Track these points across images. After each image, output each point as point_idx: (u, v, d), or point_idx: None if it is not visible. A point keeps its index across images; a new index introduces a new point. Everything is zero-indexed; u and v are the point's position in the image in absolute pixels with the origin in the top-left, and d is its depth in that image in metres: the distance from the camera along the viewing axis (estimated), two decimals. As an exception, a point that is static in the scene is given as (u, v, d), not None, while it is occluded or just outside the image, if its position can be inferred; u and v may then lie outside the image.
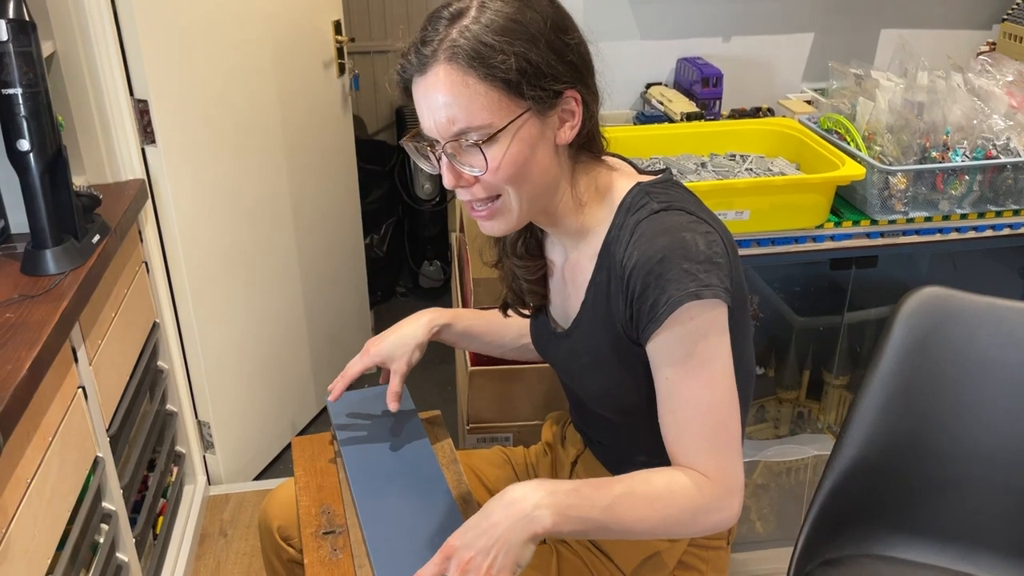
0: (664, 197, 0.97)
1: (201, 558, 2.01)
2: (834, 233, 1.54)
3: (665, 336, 0.92)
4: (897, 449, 1.29)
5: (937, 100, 1.52)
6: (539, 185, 0.94)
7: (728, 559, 1.17)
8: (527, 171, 0.92)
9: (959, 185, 1.52)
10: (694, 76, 1.85)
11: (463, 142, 0.89)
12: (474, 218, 0.98)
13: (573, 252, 1.05)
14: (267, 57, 2.12)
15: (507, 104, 0.88)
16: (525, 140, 0.90)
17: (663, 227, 0.93)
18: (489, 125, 0.88)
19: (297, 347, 2.41)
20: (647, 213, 0.95)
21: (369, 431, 1.28)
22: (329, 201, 2.47)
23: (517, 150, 0.90)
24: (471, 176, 0.92)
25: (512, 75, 0.87)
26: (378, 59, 3.66)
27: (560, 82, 0.91)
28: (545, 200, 0.97)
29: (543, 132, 0.92)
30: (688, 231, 0.92)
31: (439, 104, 0.88)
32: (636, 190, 0.99)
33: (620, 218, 0.98)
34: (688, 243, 0.91)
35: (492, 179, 0.91)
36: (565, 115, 0.93)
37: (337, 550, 1.08)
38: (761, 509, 1.92)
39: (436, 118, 0.89)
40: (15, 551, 1.12)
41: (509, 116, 0.89)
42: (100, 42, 1.68)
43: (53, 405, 1.28)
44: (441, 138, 0.90)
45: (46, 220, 1.38)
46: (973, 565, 1.30)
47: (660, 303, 0.91)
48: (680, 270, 0.90)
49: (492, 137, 0.88)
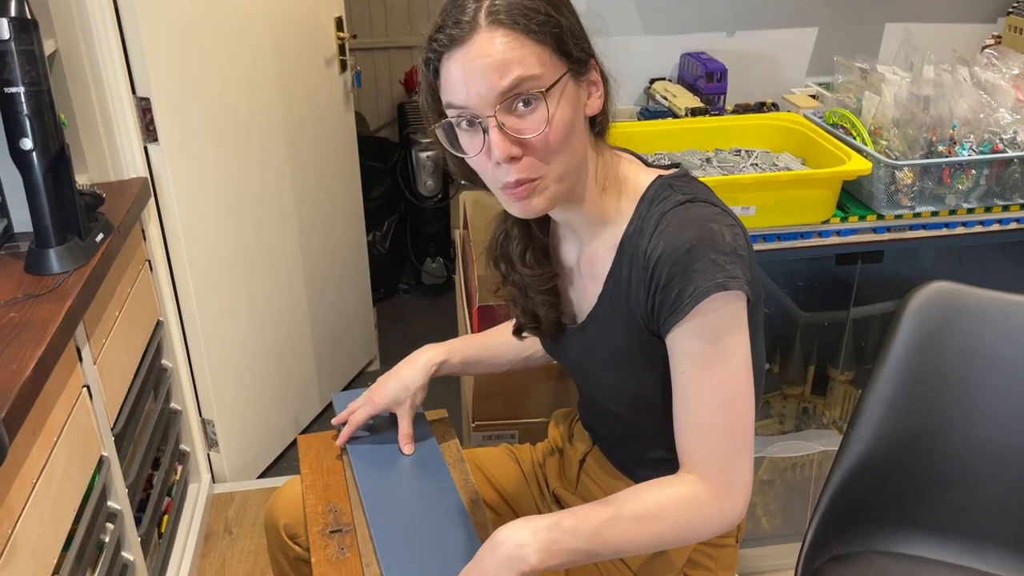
0: (688, 189, 0.96)
1: (206, 556, 2.01)
2: (840, 228, 1.53)
3: (687, 327, 0.91)
4: (904, 445, 1.29)
5: (943, 94, 1.51)
6: (578, 159, 0.93)
7: (736, 556, 1.17)
8: (571, 138, 0.90)
9: (966, 179, 1.52)
10: (698, 71, 1.84)
11: (516, 101, 0.86)
12: (508, 198, 0.93)
13: (591, 243, 1.03)
14: (269, 54, 2.11)
15: (556, 61, 0.88)
16: (569, 102, 0.89)
17: (690, 218, 0.92)
18: (543, 76, 0.86)
19: (300, 345, 2.41)
20: (672, 204, 0.94)
21: (376, 429, 1.28)
22: (331, 198, 2.47)
23: (564, 111, 0.89)
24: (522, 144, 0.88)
25: (557, 31, 0.87)
26: (380, 56, 3.65)
27: (588, 48, 0.91)
28: (576, 177, 0.95)
29: (579, 98, 0.92)
30: (715, 222, 0.92)
31: (488, 64, 0.85)
32: (658, 182, 0.98)
33: (642, 210, 0.97)
34: (715, 234, 0.91)
35: (545, 142, 0.88)
36: (592, 86, 0.94)
37: (344, 548, 1.07)
38: (767, 505, 1.91)
39: (487, 77, 0.85)
40: (21, 551, 1.12)
41: (557, 72, 0.88)
42: (102, 40, 1.67)
43: (58, 405, 1.27)
44: (493, 100, 0.86)
45: (49, 219, 1.38)
46: (981, 561, 1.29)
47: (685, 294, 0.90)
48: (707, 260, 0.89)
49: (552, 86, 0.87)
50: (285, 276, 2.30)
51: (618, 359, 1.02)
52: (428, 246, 3.28)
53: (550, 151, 0.89)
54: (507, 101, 0.86)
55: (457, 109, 0.88)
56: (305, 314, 2.40)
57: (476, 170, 0.94)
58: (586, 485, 1.20)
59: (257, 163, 2.13)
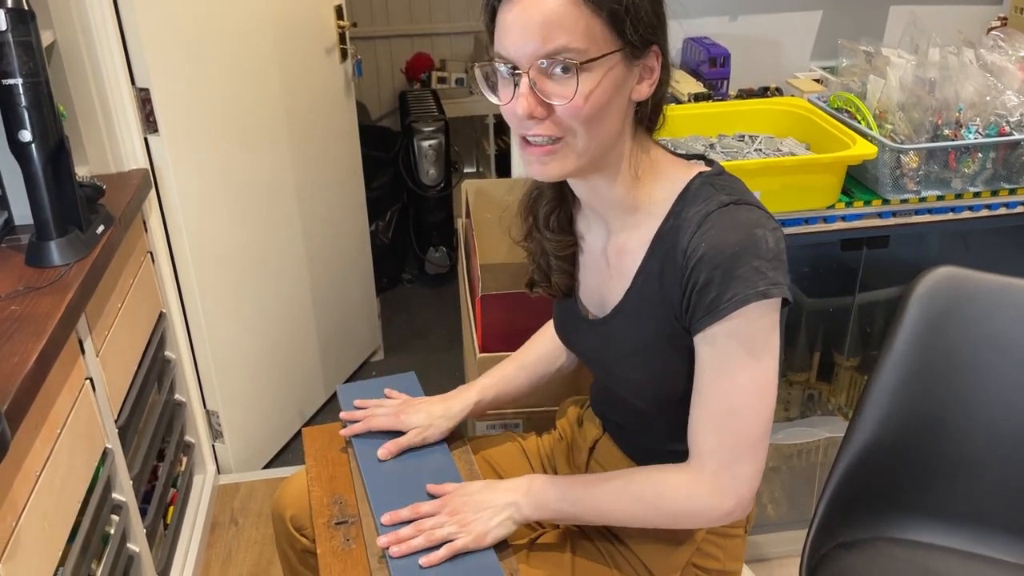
0: (730, 190, 0.95)
1: (212, 547, 2.01)
2: (845, 213, 1.52)
3: (720, 328, 0.91)
4: (911, 431, 1.28)
5: (949, 77, 1.49)
6: (606, 136, 0.92)
7: (745, 546, 1.16)
8: (603, 116, 0.89)
9: (972, 163, 1.50)
10: (701, 56, 1.82)
11: (553, 66, 0.86)
12: (528, 156, 0.93)
13: (621, 233, 1.02)
14: (268, 43, 2.10)
15: (607, 37, 0.86)
16: (612, 81, 0.88)
17: (736, 222, 0.91)
18: (586, 51, 0.85)
19: (304, 335, 2.41)
20: (716, 205, 0.93)
21: None
22: (333, 188, 2.46)
23: (604, 88, 0.88)
24: (548, 107, 0.88)
25: (619, 9, 0.85)
26: (381, 44, 3.63)
27: (652, 33, 0.90)
28: (602, 155, 0.94)
29: (626, 81, 0.90)
30: (760, 227, 0.91)
31: (538, 20, 0.84)
32: (699, 180, 0.97)
33: (680, 207, 0.96)
34: (759, 240, 0.90)
35: (572, 112, 0.88)
36: (645, 72, 0.92)
37: (350, 540, 1.07)
38: (772, 492, 1.91)
39: (532, 35, 0.85)
40: (26, 544, 1.12)
41: (606, 49, 0.87)
42: (100, 31, 1.66)
43: (61, 397, 1.27)
44: (532, 58, 0.86)
45: (49, 211, 1.37)
46: (988, 547, 1.29)
47: (724, 298, 0.90)
48: (751, 268, 0.89)
49: (586, 64, 0.86)
50: (288, 266, 2.29)
51: (645, 354, 1.01)
52: (431, 235, 3.28)
53: (576, 120, 0.89)
54: (546, 64, 0.86)
55: (500, 56, 0.89)
56: (308, 304, 2.39)
57: (505, 117, 0.94)
58: (595, 471, 1.19)
59: (258, 153, 2.12)
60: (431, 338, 2.95)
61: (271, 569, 1.94)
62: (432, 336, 2.96)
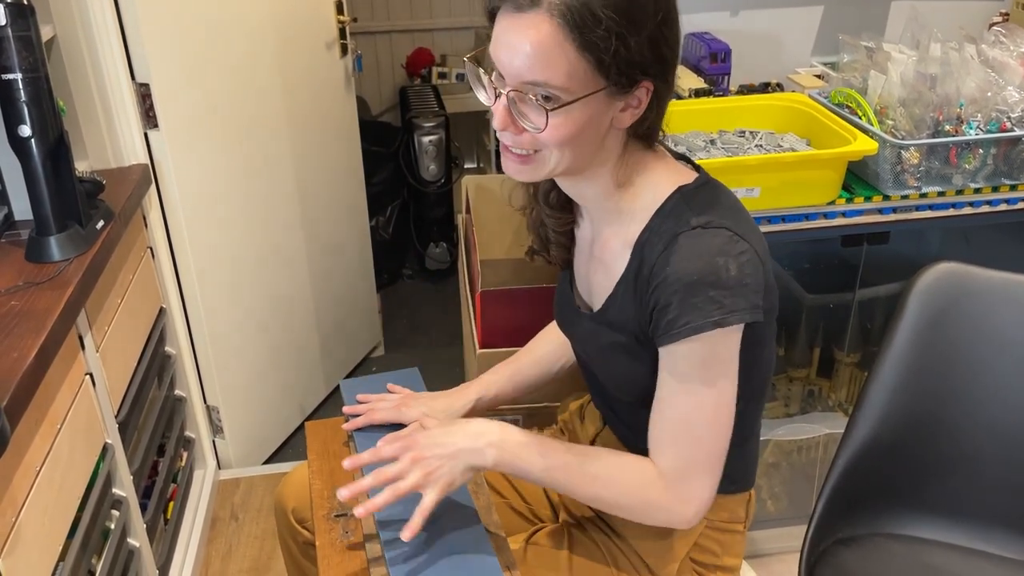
0: (703, 209, 0.94)
1: (213, 542, 2.01)
2: (845, 209, 1.52)
3: (676, 350, 0.94)
4: (911, 427, 1.28)
5: (950, 72, 1.49)
6: (583, 154, 0.94)
7: (744, 542, 1.17)
8: (578, 139, 0.91)
9: (973, 159, 1.50)
10: (702, 51, 1.82)
11: (532, 96, 0.87)
12: (505, 158, 0.96)
13: (605, 230, 1.04)
14: (268, 38, 2.10)
15: (590, 78, 0.87)
16: (588, 114, 0.89)
17: (699, 250, 0.91)
18: (566, 90, 0.86)
19: (304, 331, 2.41)
20: (686, 227, 0.93)
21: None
22: (333, 183, 2.46)
23: (576, 122, 0.89)
24: (521, 127, 0.90)
25: (607, 56, 0.85)
26: (381, 39, 3.63)
27: (644, 74, 0.89)
28: (580, 168, 0.96)
29: (607, 111, 0.91)
30: (723, 255, 0.91)
31: (524, 51, 0.85)
32: (677, 196, 0.97)
33: (656, 222, 0.97)
34: (719, 269, 0.90)
35: (544, 139, 0.90)
36: (632, 101, 0.92)
37: (348, 532, 1.08)
38: (772, 488, 1.91)
39: (515, 62, 0.86)
40: (26, 538, 1.12)
41: (586, 89, 0.87)
42: (100, 26, 1.66)
43: (61, 392, 1.27)
44: (513, 79, 0.88)
45: (49, 206, 1.37)
46: (987, 543, 1.29)
47: (679, 323, 0.91)
48: (707, 297, 0.90)
49: (564, 105, 0.87)
50: (288, 262, 2.29)
51: (624, 354, 1.02)
52: (431, 231, 3.27)
53: (544, 146, 0.91)
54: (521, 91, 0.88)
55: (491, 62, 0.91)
56: (308, 300, 2.39)
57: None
58: None
59: (258, 149, 2.12)
60: (431, 334, 2.95)
61: (271, 564, 1.94)
62: (432, 332, 2.96)
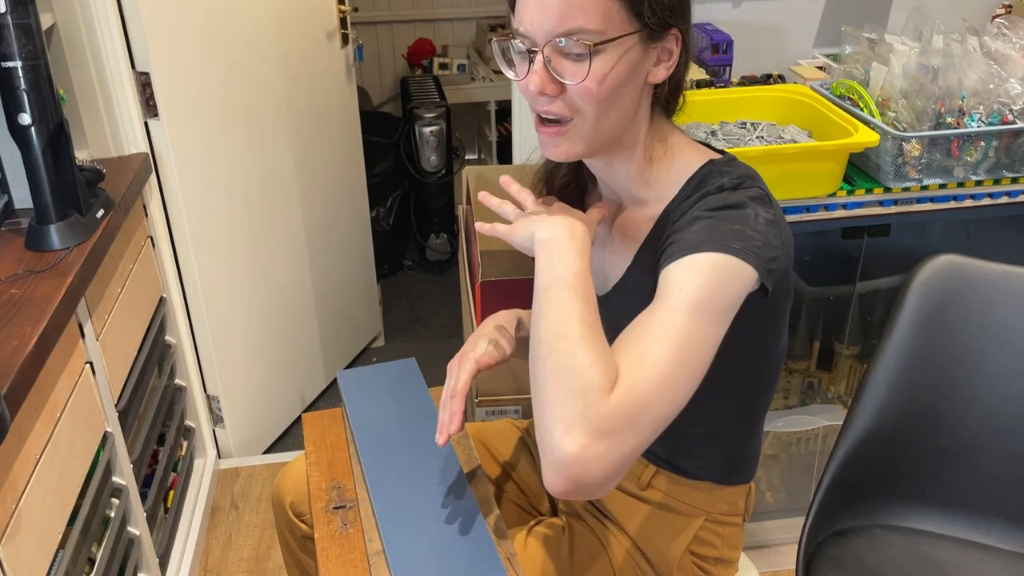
0: (736, 175, 0.94)
1: (213, 531, 2.02)
2: (846, 201, 1.52)
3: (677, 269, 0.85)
4: (910, 419, 1.28)
5: (952, 64, 1.48)
6: (619, 118, 0.92)
7: (743, 534, 1.17)
8: (615, 98, 0.89)
9: (974, 151, 1.50)
10: (703, 42, 1.81)
11: (568, 46, 0.86)
12: (541, 137, 0.94)
13: (631, 209, 1.03)
14: (269, 27, 2.09)
15: (624, 19, 0.86)
16: (627, 63, 0.88)
17: (730, 200, 0.90)
18: (602, 32, 0.85)
19: (305, 321, 2.41)
20: (716, 188, 0.92)
21: (380, 406, 1.28)
22: (334, 174, 2.46)
23: (617, 71, 0.88)
24: (560, 86, 0.88)
25: None
26: (382, 29, 3.62)
27: (672, 16, 0.89)
28: (615, 137, 0.94)
29: (642, 63, 0.90)
30: (755, 205, 0.89)
31: (554, 3, 0.85)
32: (708, 167, 0.96)
33: (686, 192, 0.96)
34: (749, 215, 0.88)
35: (584, 93, 0.88)
36: (663, 54, 0.92)
37: (347, 524, 1.08)
38: (771, 480, 1.91)
39: (549, 13, 0.85)
40: (26, 526, 1.12)
41: (622, 31, 0.86)
42: (100, 14, 1.65)
43: (61, 381, 1.27)
44: (547, 37, 0.87)
45: (49, 195, 1.37)
46: (986, 535, 1.29)
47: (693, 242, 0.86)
48: (731, 229, 0.86)
49: (601, 45, 0.86)
50: (288, 252, 2.29)
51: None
52: (432, 222, 3.27)
53: (586, 102, 0.89)
54: (563, 43, 0.86)
55: (517, 32, 0.89)
56: (309, 290, 2.39)
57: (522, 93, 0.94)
58: None
59: (259, 138, 2.12)
60: (432, 325, 2.95)
61: (271, 553, 1.95)
62: (433, 323, 2.96)
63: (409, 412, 1.27)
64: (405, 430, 1.23)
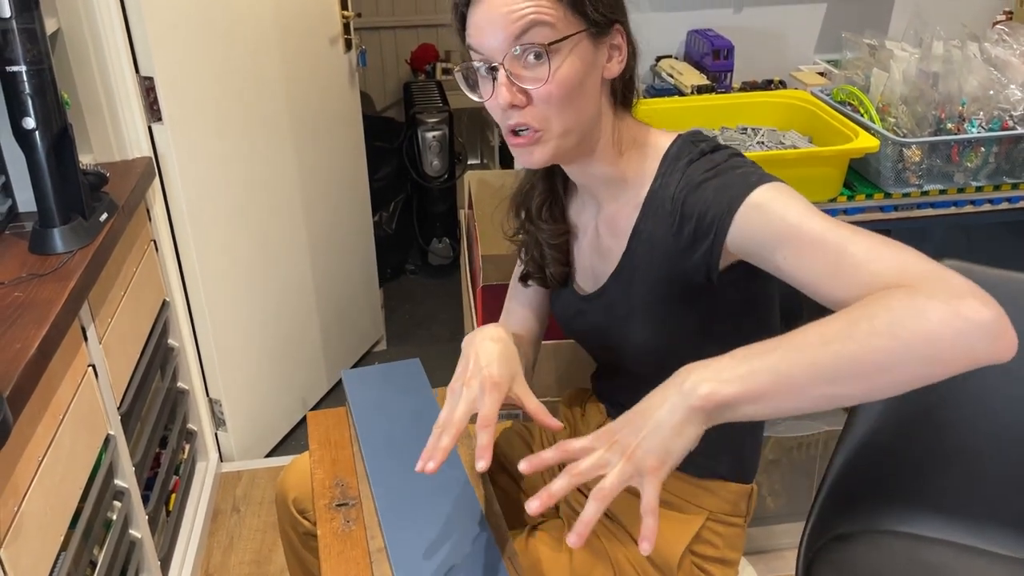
0: (713, 143, 0.97)
1: (214, 534, 2.02)
2: (847, 207, 1.52)
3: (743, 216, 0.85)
4: (909, 424, 1.29)
5: (952, 70, 1.49)
6: (584, 116, 0.95)
7: (744, 538, 1.17)
8: (576, 96, 0.93)
9: (975, 157, 1.50)
10: (705, 48, 1.82)
11: (526, 51, 0.90)
12: (514, 147, 0.97)
13: (611, 204, 1.05)
14: (273, 32, 2.10)
15: (570, 19, 0.91)
16: (581, 60, 0.92)
17: (716, 160, 0.93)
18: (554, 30, 0.90)
19: (307, 325, 2.42)
20: (698, 154, 0.95)
21: (384, 406, 1.29)
22: (337, 178, 2.47)
23: (574, 68, 0.91)
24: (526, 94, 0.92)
25: None
26: (385, 35, 3.63)
27: (612, 12, 0.94)
28: (583, 135, 0.97)
29: (595, 60, 0.94)
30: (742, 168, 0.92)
31: (504, 11, 0.89)
32: (680, 140, 1.00)
33: (666, 166, 0.98)
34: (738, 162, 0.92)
35: (547, 97, 0.91)
36: (613, 50, 0.96)
37: (350, 521, 1.08)
38: (772, 484, 1.92)
39: (501, 27, 0.89)
40: (28, 528, 1.13)
41: (570, 30, 0.91)
42: (105, 19, 1.66)
43: (63, 383, 1.28)
44: (503, 49, 0.90)
45: (53, 199, 1.38)
46: (985, 540, 1.29)
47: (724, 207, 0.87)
48: (735, 175, 0.89)
49: (555, 44, 0.90)
50: (291, 256, 2.30)
51: (643, 314, 1.02)
52: (434, 226, 3.28)
53: (551, 104, 0.92)
54: (518, 51, 0.90)
55: (477, 55, 0.93)
56: (312, 294, 2.40)
57: (491, 114, 0.97)
58: None
59: (262, 143, 2.13)
60: (434, 329, 2.96)
61: (272, 556, 1.95)
62: (434, 327, 2.97)
63: (413, 412, 1.27)
64: (408, 429, 1.23)
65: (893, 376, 0.71)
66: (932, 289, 0.70)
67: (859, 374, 0.71)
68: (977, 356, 0.70)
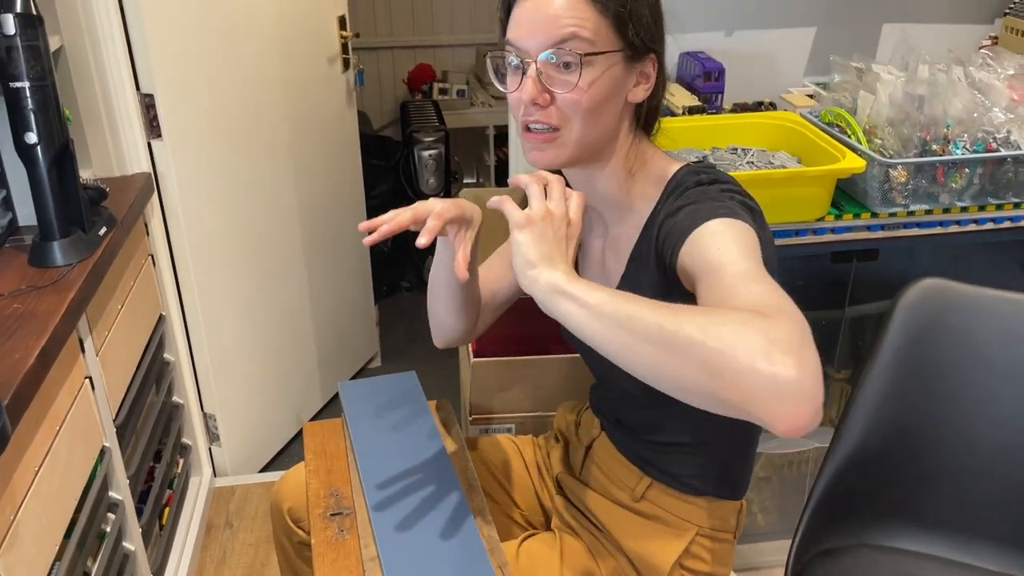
0: (712, 174, 0.99)
1: (207, 549, 2.02)
2: (835, 226, 1.55)
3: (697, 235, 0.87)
4: (896, 440, 1.30)
5: (937, 93, 1.52)
6: (601, 130, 0.98)
7: (733, 554, 1.18)
8: (599, 110, 0.96)
9: (959, 178, 1.53)
10: (696, 70, 1.85)
11: (560, 56, 0.92)
12: (527, 144, 0.99)
13: (616, 227, 1.08)
14: (272, 52, 2.13)
15: (610, 36, 0.94)
16: (611, 79, 0.95)
17: (704, 192, 0.95)
18: (592, 43, 0.93)
19: (302, 341, 2.43)
20: (693, 184, 0.98)
21: (379, 417, 1.30)
22: (334, 196, 2.49)
23: (603, 84, 0.94)
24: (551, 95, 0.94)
25: (624, 13, 0.93)
26: (383, 55, 3.67)
27: (651, 40, 0.97)
28: (597, 148, 1.00)
29: (624, 81, 0.97)
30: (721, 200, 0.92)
31: (549, 14, 0.92)
32: (685, 170, 1.02)
33: (666, 195, 1.01)
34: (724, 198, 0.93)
35: (572, 103, 0.94)
36: (642, 77, 0.99)
37: (344, 531, 1.10)
38: (763, 501, 1.93)
39: (542, 28, 0.92)
40: (24, 537, 1.13)
41: (609, 47, 0.94)
42: (107, 37, 1.69)
43: (60, 395, 1.29)
44: (540, 48, 0.93)
45: (53, 212, 1.40)
46: (971, 555, 1.30)
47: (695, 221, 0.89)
48: (708, 204, 0.91)
49: (590, 56, 0.93)
50: (287, 273, 2.32)
51: None
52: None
53: (575, 111, 0.95)
54: (554, 57, 0.93)
55: (512, 46, 0.96)
56: (307, 311, 2.42)
57: (510, 106, 1.01)
58: (591, 471, 1.21)
59: (260, 160, 2.15)
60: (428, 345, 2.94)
61: (265, 571, 1.95)
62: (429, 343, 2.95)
63: (408, 424, 1.29)
64: (403, 441, 1.25)
65: (676, 364, 0.72)
66: (774, 330, 0.69)
67: (656, 341, 0.73)
68: (755, 400, 0.68)
